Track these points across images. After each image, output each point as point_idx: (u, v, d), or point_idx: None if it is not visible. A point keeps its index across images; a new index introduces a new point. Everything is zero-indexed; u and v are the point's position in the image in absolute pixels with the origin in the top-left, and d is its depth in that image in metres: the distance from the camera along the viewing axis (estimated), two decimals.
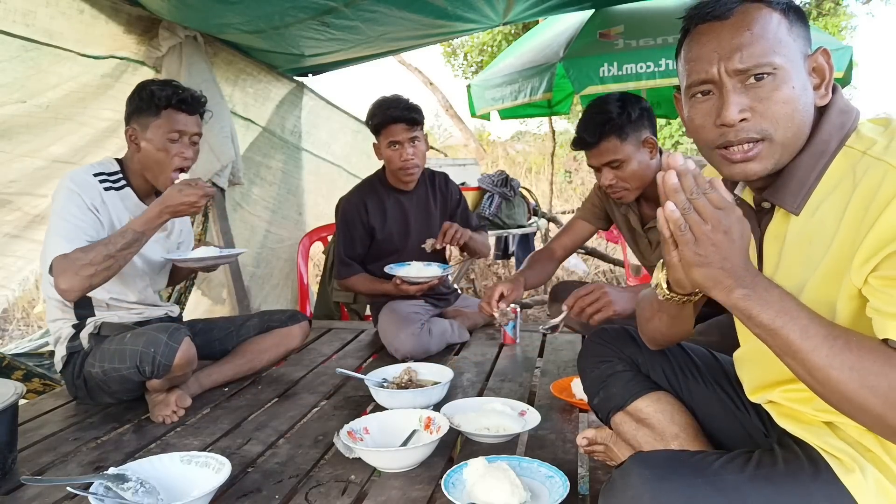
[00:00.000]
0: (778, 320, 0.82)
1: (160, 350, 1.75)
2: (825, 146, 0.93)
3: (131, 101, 1.99)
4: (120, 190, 1.98)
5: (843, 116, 0.95)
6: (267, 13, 2.77)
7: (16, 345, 3.47)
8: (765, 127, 0.92)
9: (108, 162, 2.02)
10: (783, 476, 0.89)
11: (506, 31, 8.80)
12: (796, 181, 0.95)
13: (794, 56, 0.93)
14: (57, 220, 1.84)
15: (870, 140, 0.90)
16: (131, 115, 1.98)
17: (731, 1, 0.94)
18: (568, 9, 3.80)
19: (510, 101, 4.28)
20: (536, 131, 13.24)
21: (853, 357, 0.80)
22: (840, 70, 3.80)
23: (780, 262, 1.00)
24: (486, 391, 2.03)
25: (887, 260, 0.82)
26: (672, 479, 0.90)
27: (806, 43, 0.96)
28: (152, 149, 1.95)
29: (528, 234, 4.65)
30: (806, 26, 0.97)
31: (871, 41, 45.23)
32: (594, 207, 2.34)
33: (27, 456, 1.67)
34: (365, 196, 2.62)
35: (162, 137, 1.94)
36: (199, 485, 1.36)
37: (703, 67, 0.94)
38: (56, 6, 2.47)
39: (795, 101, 0.91)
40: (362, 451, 1.50)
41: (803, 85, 0.93)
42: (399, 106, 2.47)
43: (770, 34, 0.92)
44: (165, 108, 1.94)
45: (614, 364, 1.39)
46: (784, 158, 0.95)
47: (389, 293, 2.56)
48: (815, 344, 0.81)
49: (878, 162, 0.86)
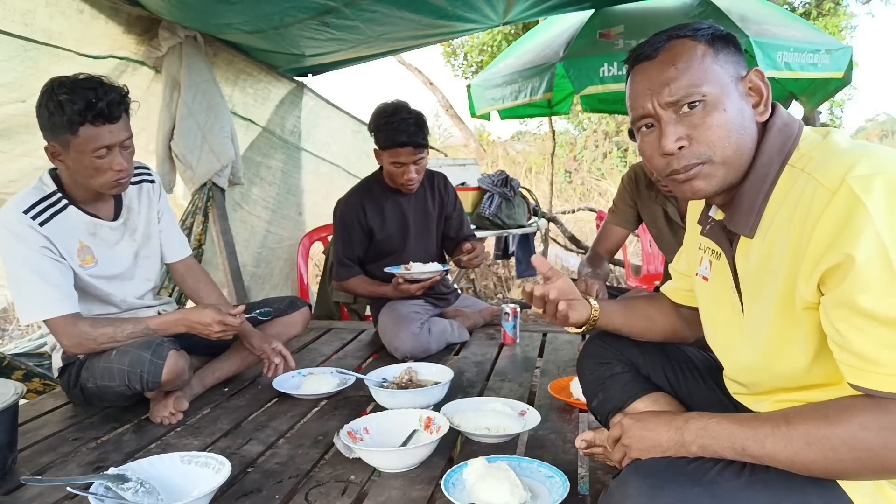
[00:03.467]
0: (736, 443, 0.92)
1: (146, 368, 1.73)
2: (767, 169, 0.99)
3: (41, 115, 1.72)
4: (62, 212, 1.81)
5: (782, 136, 0.99)
6: (267, 13, 2.77)
7: (16, 345, 3.46)
8: (702, 151, 0.98)
9: (40, 184, 1.82)
10: (778, 480, 0.90)
11: (506, 31, 8.78)
12: (746, 206, 1.01)
13: (723, 81, 0.98)
14: (12, 277, 1.74)
15: (807, 157, 0.95)
16: (46, 132, 1.73)
17: (658, 41, 1.02)
18: (568, 9, 3.79)
19: (510, 101, 4.27)
20: (536, 131, 13.23)
21: (801, 434, 0.87)
22: (840, 70, 3.80)
23: (750, 282, 1.05)
24: (486, 391, 2.03)
25: (829, 276, 0.86)
26: (669, 487, 0.91)
27: (738, 66, 1.01)
28: (80, 168, 1.74)
29: (528, 234, 4.65)
30: (737, 51, 1.02)
31: (871, 41, 45.26)
32: (625, 209, 2.34)
33: (27, 456, 1.67)
34: (363, 198, 2.61)
35: (87, 157, 1.71)
36: (199, 485, 1.36)
37: (641, 104, 1.02)
38: (55, 6, 2.47)
39: (729, 122, 0.97)
40: (362, 451, 1.50)
41: (737, 106, 0.98)
42: (408, 130, 2.37)
43: (695, 66, 0.98)
44: (81, 124, 1.68)
45: (613, 366, 1.39)
46: (730, 176, 1.00)
47: (388, 295, 2.55)
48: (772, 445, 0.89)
49: (810, 178, 0.91)
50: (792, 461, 0.88)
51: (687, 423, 0.98)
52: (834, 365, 0.90)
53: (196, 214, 3.14)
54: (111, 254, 1.92)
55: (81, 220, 1.85)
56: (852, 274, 0.82)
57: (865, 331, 0.83)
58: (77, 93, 1.67)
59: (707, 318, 1.21)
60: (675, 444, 0.97)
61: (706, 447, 0.95)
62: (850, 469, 0.86)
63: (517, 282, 6.00)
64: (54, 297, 1.75)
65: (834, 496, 0.89)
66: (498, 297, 6.02)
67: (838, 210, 0.84)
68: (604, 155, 11.73)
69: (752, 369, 1.07)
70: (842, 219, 0.84)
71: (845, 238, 0.83)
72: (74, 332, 1.77)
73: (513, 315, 2.54)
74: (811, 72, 3.69)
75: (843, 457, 0.84)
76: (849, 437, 0.83)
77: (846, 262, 0.82)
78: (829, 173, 0.88)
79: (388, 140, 2.41)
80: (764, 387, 1.08)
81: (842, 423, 0.84)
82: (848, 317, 0.84)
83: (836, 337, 0.87)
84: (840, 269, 0.84)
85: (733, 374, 1.16)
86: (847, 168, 0.86)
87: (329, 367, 2.24)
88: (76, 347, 1.80)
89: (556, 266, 6.38)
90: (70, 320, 1.77)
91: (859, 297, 0.82)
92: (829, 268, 0.85)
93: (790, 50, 3.57)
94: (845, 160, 0.88)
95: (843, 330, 0.85)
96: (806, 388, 1.00)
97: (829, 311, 0.87)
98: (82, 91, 1.68)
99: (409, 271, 2.47)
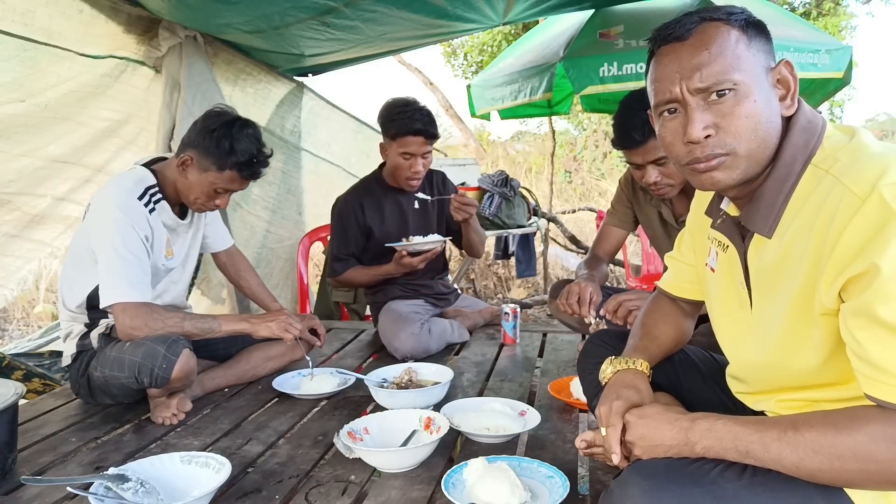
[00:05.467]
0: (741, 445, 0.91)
1: (158, 362, 1.74)
2: (790, 168, 0.95)
3: (204, 137, 1.86)
4: (158, 204, 1.93)
5: (806, 133, 0.96)
6: (267, 13, 2.77)
7: (16, 345, 3.47)
8: (728, 142, 0.95)
9: (144, 175, 1.92)
10: (780, 481, 0.89)
11: (506, 31, 8.79)
12: (765, 205, 0.98)
13: (755, 70, 0.95)
14: (113, 256, 1.80)
15: (832, 157, 0.92)
16: (196, 149, 1.87)
17: (690, 21, 0.97)
18: (568, 9, 3.79)
19: (510, 101, 4.27)
20: (536, 131, 13.23)
21: (808, 441, 0.86)
22: (840, 70, 3.81)
23: (762, 280, 1.03)
24: (486, 391, 2.03)
25: (852, 284, 0.84)
26: (670, 489, 0.91)
27: (768, 56, 0.98)
28: (196, 187, 1.90)
29: (528, 234, 4.65)
30: (767, 40, 0.99)
31: (871, 41, 45.27)
32: (623, 210, 2.34)
33: (27, 456, 1.67)
34: (362, 196, 2.61)
35: (208, 187, 1.89)
36: (200, 485, 1.36)
37: (667, 87, 0.98)
38: (55, 5, 2.46)
39: (758, 114, 0.94)
40: (362, 451, 1.49)
41: (766, 98, 0.95)
42: (422, 119, 2.40)
43: (728, 52, 0.94)
44: (231, 170, 1.87)
45: None
46: (751, 170, 0.97)
47: (390, 273, 2.54)
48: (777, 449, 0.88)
49: (836, 182, 0.88)
50: (797, 467, 0.87)
51: (693, 424, 0.97)
52: (841, 367, 0.90)
53: None
54: (180, 248, 2.05)
55: (170, 215, 1.98)
56: (876, 284, 0.80)
57: (884, 342, 0.82)
58: (248, 143, 1.87)
59: (714, 309, 1.19)
60: (680, 443, 0.97)
61: (710, 448, 0.94)
62: (855, 479, 0.85)
63: (517, 282, 6.00)
64: (141, 283, 1.84)
65: (836, 498, 0.89)
66: (498, 297, 6.02)
67: (868, 218, 0.82)
68: (604, 155, 11.73)
69: (760, 367, 1.07)
70: (872, 228, 0.82)
71: (873, 247, 0.81)
72: (142, 314, 1.81)
73: (513, 315, 2.54)
74: (811, 72, 3.70)
75: (849, 466, 0.83)
76: (857, 446, 0.82)
77: (871, 270, 0.81)
78: (858, 178, 0.85)
79: (403, 127, 2.41)
80: (768, 385, 1.07)
81: (851, 432, 0.83)
82: (867, 326, 0.83)
83: (854, 346, 0.85)
84: (864, 277, 0.82)
85: (738, 369, 1.15)
86: (878, 174, 0.83)
87: (329, 368, 2.24)
88: (142, 328, 1.81)
89: (555, 266, 6.31)
90: (143, 306, 1.83)
91: (881, 307, 0.80)
92: (853, 276, 0.83)
93: (790, 50, 3.57)
94: (876, 165, 0.85)
95: (862, 339, 0.84)
96: (810, 387, 0.99)
97: (849, 319, 0.85)
98: (251, 147, 1.88)
99: (411, 243, 2.46)
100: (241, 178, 1.90)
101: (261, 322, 1.99)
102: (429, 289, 2.71)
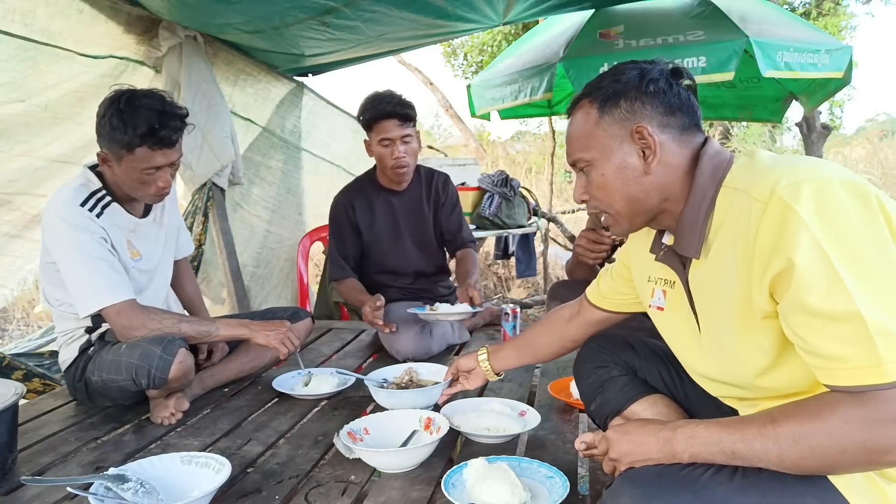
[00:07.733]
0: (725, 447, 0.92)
1: (154, 364, 1.74)
2: (704, 192, 1.03)
3: (101, 125, 1.77)
4: (107, 207, 1.86)
5: (714, 161, 1.04)
6: (267, 13, 2.77)
7: (16, 345, 3.47)
8: (597, 205, 1.12)
9: (87, 180, 1.86)
10: (770, 481, 0.90)
11: (506, 31, 8.78)
12: (688, 229, 1.05)
13: (606, 144, 1.07)
14: (78, 266, 1.76)
15: (739, 177, 1.00)
16: (102, 141, 1.79)
17: (574, 98, 1.14)
18: (568, 9, 3.79)
19: (510, 101, 4.27)
20: (536, 131, 13.23)
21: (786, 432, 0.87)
22: (840, 70, 3.80)
23: (704, 300, 1.08)
24: (486, 391, 2.03)
25: (778, 283, 0.89)
26: (661, 497, 0.91)
27: (623, 123, 1.06)
28: (127, 179, 1.81)
29: (528, 234, 4.65)
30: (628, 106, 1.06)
31: (871, 41, 45.26)
32: None
33: (27, 456, 1.67)
34: (353, 196, 2.60)
35: (137, 172, 1.78)
36: (199, 485, 1.36)
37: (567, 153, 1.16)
38: (55, 6, 2.46)
39: (607, 184, 1.08)
40: (362, 451, 1.49)
41: (620, 165, 1.07)
42: (392, 101, 2.40)
43: (579, 132, 1.11)
44: (139, 146, 1.74)
45: (610, 369, 1.40)
46: (637, 220, 1.10)
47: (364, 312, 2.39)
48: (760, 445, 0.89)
49: (745, 195, 0.95)
50: (781, 460, 0.88)
51: (675, 433, 0.97)
52: (804, 370, 0.91)
53: (196, 214, 3.14)
54: (149, 249, 1.99)
55: (123, 216, 1.92)
56: (796, 277, 0.85)
57: (822, 331, 0.84)
58: (141, 115, 1.72)
59: (673, 346, 1.22)
60: (666, 455, 0.97)
61: (697, 455, 0.95)
62: (838, 464, 0.85)
63: (517, 282, 6.00)
64: (120, 282, 1.80)
65: (828, 495, 0.89)
66: (498, 297, 6.02)
67: (773, 219, 0.89)
68: None
69: (724, 384, 1.09)
70: (777, 225, 0.88)
71: (784, 244, 0.86)
72: (137, 315, 1.80)
73: (513, 315, 2.54)
74: (811, 72, 3.69)
75: (829, 452, 0.84)
76: (833, 431, 0.83)
77: (788, 266, 0.86)
78: (759, 187, 0.93)
79: (374, 113, 2.41)
80: (745, 395, 1.08)
81: (824, 417, 0.84)
82: (804, 321, 0.86)
83: (800, 342, 0.88)
84: (785, 274, 0.87)
85: (712, 391, 1.16)
86: (775, 180, 0.91)
87: (329, 368, 2.24)
88: (139, 328, 1.80)
89: (555, 266, 6.33)
90: (135, 305, 1.81)
91: (808, 298, 0.84)
92: (775, 275, 0.88)
93: (790, 50, 3.57)
94: (772, 174, 0.93)
95: (803, 334, 0.87)
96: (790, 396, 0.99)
97: (787, 317, 0.89)
98: (146, 114, 1.72)
99: (435, 312, 2.32)
100: (153, 148, 1.75)
101: (260, 330, 1.96)
102: (429, 291, 2.71)
